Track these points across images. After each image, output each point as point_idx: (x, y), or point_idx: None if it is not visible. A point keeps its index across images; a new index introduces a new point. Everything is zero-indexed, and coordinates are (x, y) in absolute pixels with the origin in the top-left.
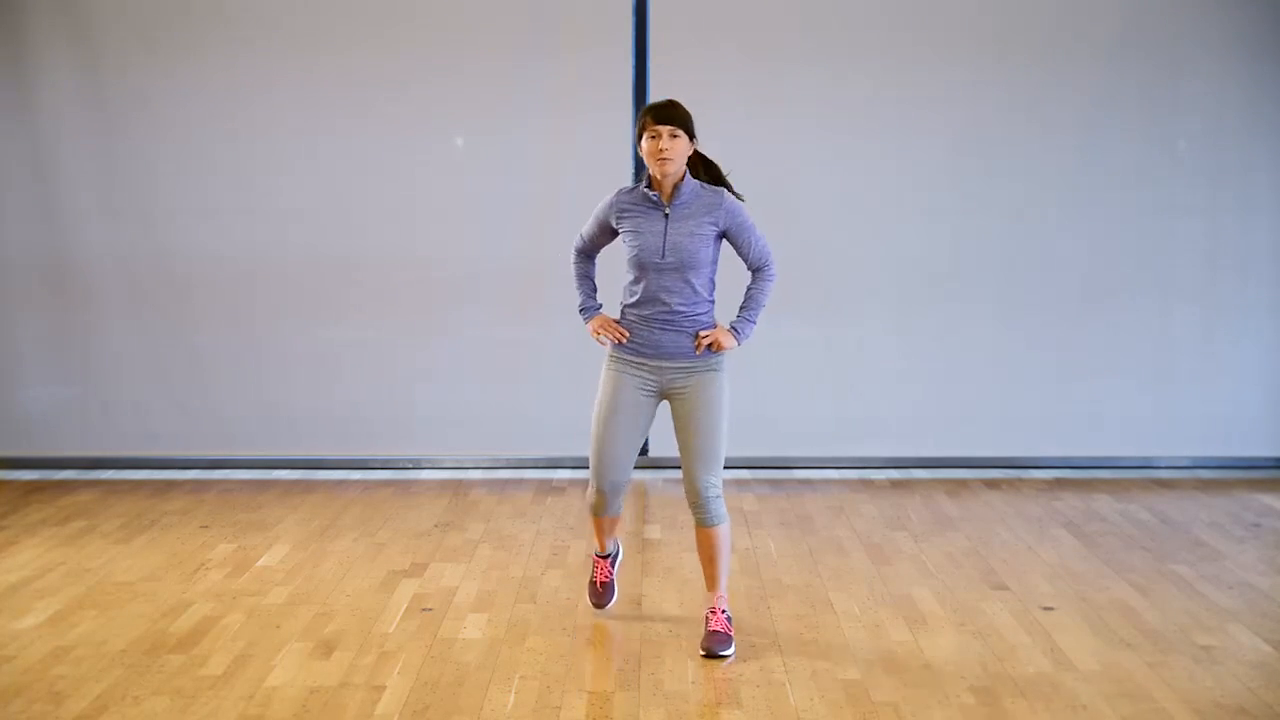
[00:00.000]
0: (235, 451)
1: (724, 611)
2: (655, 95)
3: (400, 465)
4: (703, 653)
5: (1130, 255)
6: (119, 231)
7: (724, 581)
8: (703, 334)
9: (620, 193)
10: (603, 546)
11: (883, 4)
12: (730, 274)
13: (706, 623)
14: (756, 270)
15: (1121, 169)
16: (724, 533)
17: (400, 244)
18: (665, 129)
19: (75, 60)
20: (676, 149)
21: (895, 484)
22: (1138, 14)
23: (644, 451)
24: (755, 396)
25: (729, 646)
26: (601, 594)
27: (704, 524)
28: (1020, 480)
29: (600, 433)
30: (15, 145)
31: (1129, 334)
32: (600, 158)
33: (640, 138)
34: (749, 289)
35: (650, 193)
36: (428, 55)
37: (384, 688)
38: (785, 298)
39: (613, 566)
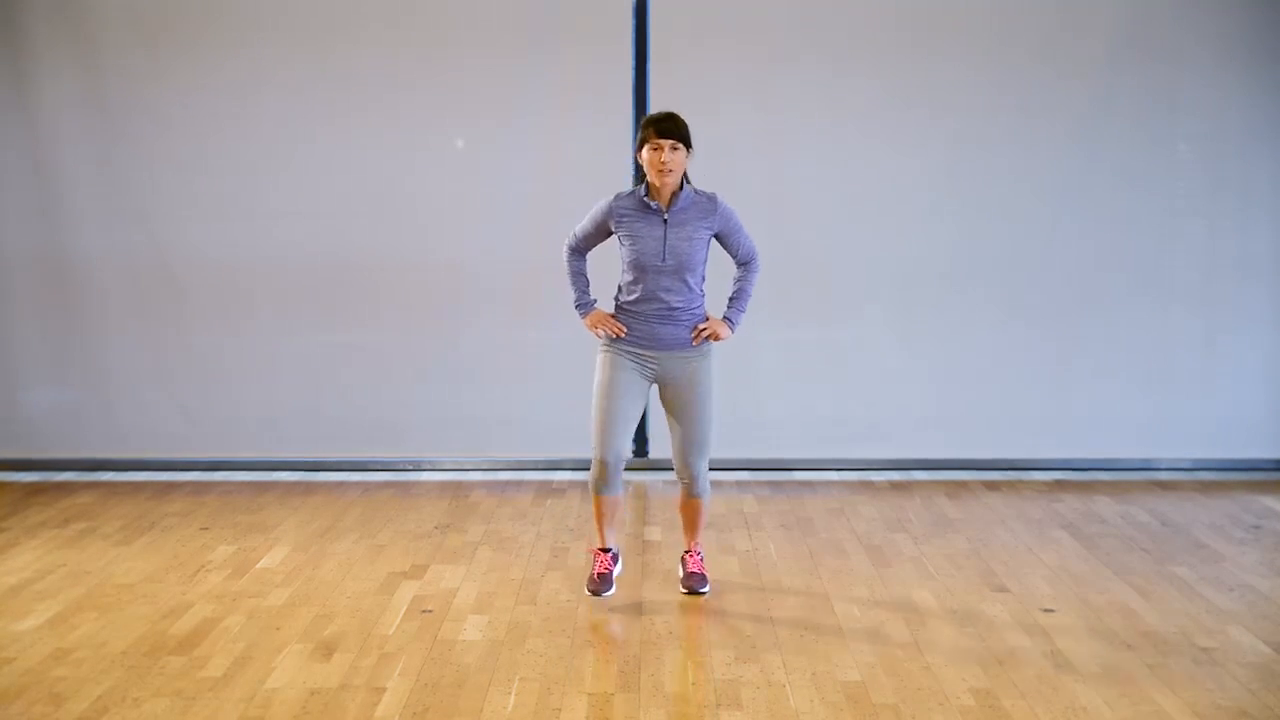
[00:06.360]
0: (236, 453)
1: (700, 553)
2: (655, 97)
3: (400, 467)
4: (684, 590)
5: (1130, 257)
6: (119, 232)
7: (701, 532)
8: (700, 326)
9: (619, 197)
10: (603, 538)
11: (882, 5)
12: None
13: (685, 564)
14: (744, 264)
15: (1122, 170)
16: (708, 501)
17: (400, 245)
18: (667, 142)
19: (75, 60)
20: (677, 160)
21: (895, 485)
22: (1138, 15)
23: (644, 453)
24: (755, 397)
25: (706, 585)
26: (599, 583)
27: (692, 495)
28: (1020, 482)
29: (603, 406)
30: (15, 145)
31: (1129, 335)
32: (600, 158)
33: (641, 147)
34: (738, 282)
35: (649, 200)
36: (427, 55)
37: (384, 689)
38: (785, 298)
39: (614, 562)
